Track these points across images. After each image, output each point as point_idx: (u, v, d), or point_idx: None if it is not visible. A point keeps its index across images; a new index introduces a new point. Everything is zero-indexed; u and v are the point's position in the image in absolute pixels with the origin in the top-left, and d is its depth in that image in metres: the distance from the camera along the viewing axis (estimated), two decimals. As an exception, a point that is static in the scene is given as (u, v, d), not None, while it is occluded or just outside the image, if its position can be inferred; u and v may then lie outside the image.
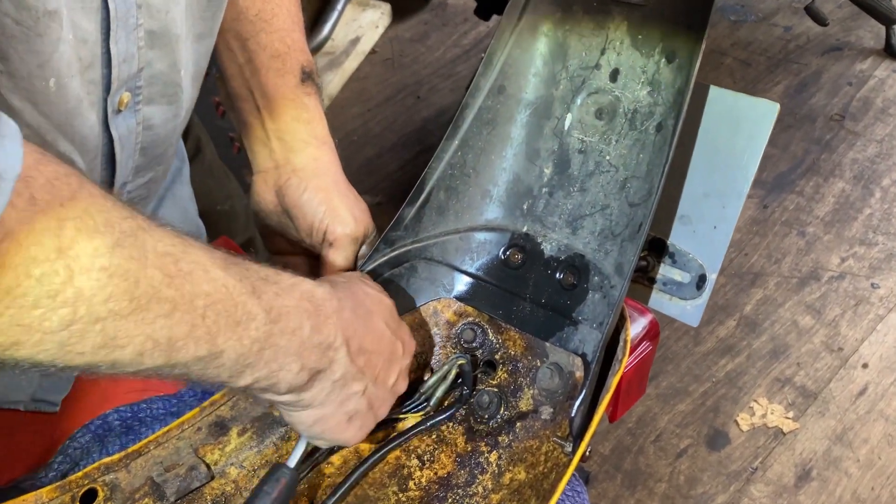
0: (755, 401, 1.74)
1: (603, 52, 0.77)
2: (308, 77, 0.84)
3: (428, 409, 0.77)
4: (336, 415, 0.66)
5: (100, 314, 0.48)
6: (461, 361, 0.77)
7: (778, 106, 0.71)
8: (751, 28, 2.53)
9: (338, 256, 0.80)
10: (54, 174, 0.47)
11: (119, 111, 0.70)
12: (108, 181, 0.76)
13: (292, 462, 0.68)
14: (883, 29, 2.36)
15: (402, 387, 0.72)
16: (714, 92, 0.74)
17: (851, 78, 2.36)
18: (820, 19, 2.02)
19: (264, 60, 0.83)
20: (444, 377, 0.77)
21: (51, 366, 0.49)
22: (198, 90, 0.82)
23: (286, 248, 0.87)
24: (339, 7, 2.59)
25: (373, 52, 2.63)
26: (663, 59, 0.74)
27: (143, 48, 0.68)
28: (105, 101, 0.68)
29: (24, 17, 0.57)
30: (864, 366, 1.79)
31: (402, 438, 0.75)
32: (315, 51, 2.51)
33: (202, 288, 0.53)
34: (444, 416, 0.76)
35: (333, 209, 0.81)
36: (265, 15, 0.83)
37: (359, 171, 2.27)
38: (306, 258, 0.86)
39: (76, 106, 0.65)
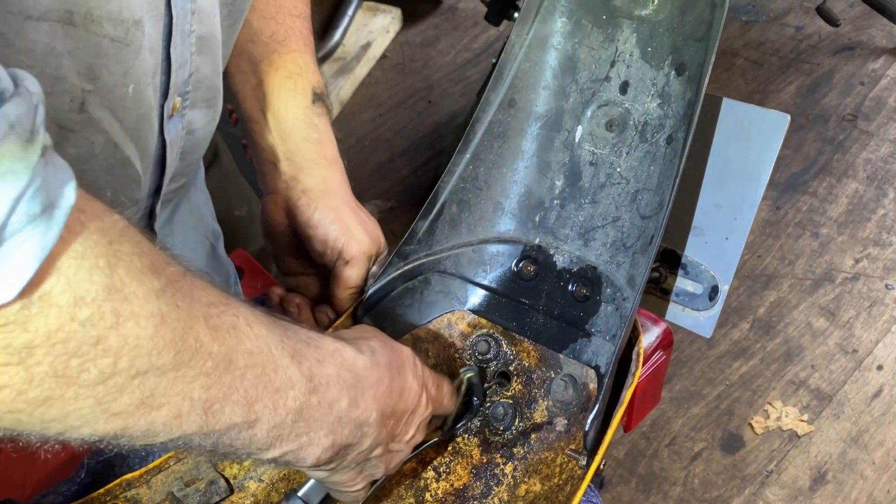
0: (769, 403, 1.74)
1: (612, 65, 0.77)
2: (318, 98, 0.84)
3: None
4: (349, 472, 0.65)
5: (141, 367, 0.44)
6: (469, 374, 0.77)
7: (788, 117, 0.72)
8: (762, 28, 2.53)
9: (353, 274, 0.81)
10: (103, 209, 0.44)
11: (171, 116, 0.72)
12: (157, 185, 0.79)
13: (302, 492, 0.69)
14: (895, 28, 2.35)
15: (419, 437, 0.70)
16: (726, 104, 0.74)
17: (864, 77, 2.35)
18: (831, 20, 2.01)
19: (276, 81, 0.84)
20: (457, 389, 0.78)
21: (81, 431, 0.44)
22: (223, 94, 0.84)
23: (297, 268, 0.88)
24: (349, 13, 2.60)
25: (383, 57, 2.64)
26: (673, 72, 0.74)
27: (193, 54, 0.70)
28: (162, 106, 0.70)
29: (119, 30, 0.58)
30: (879, 367, 1.78)
31: (417, 450, 0.76)
32: (326, 57, 2.52)
33: (245, 345, 0.49)
34: (456, 426, 0.77)
35: (347, 227, 0.81)
36: (278, 37, 0.84)
37: (371, 176, 2.28)
38: (317, 278, 0.87)
39: (147, 112, 0.67)
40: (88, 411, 0.44)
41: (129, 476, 0.71)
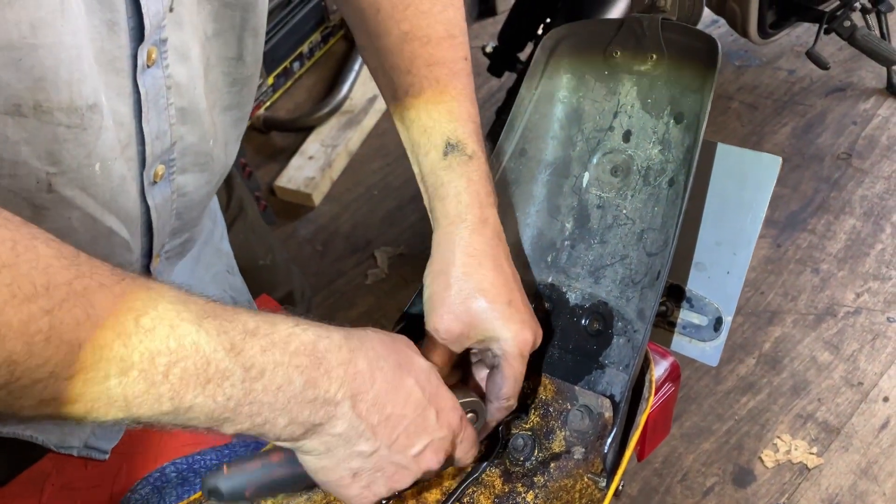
0: (778, 437, 1.76)
1: (615, 116, 0.83)
2: (452, 149, 0.79)
3: None
4: (338, 469, 0.62)
5: (35, 377, 0.47)
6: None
7: (780, 159, 0.77)
8: (755, 72, 2.61)
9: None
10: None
11: (154, 183, 0.75)
12: (148, 246, 0.81)
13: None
14: (884, 69, 2.43)
15: (432, 462, 0.66)
16: (721, 148, 0.80)
17: (856, 117, 2.42)
18: (821, 63, 2.09)
19: (414, 139, 0.80)
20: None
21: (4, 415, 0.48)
22: (231, 156, 0.86)
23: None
24: (356, 67, 2.70)
25: (389, 109, 2.71)
26: (672, 121, 0.80)
27: (174, 124, 0.73)
28: (141, 175, 0.73)
29: (73, 118, 0.61)
30: (885, 399, 1.81)
31: (458, 492, 0.79)
32: (334, 110, 2.60)
33: (165, 345, 0.51)
34: (487, 460, 0.81)
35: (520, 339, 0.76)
36: (413, 91, 0.80)
37: (381, 223, 2.34)
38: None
39: (120, 184, 0.70)
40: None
41: (171, 510, 0.75)
